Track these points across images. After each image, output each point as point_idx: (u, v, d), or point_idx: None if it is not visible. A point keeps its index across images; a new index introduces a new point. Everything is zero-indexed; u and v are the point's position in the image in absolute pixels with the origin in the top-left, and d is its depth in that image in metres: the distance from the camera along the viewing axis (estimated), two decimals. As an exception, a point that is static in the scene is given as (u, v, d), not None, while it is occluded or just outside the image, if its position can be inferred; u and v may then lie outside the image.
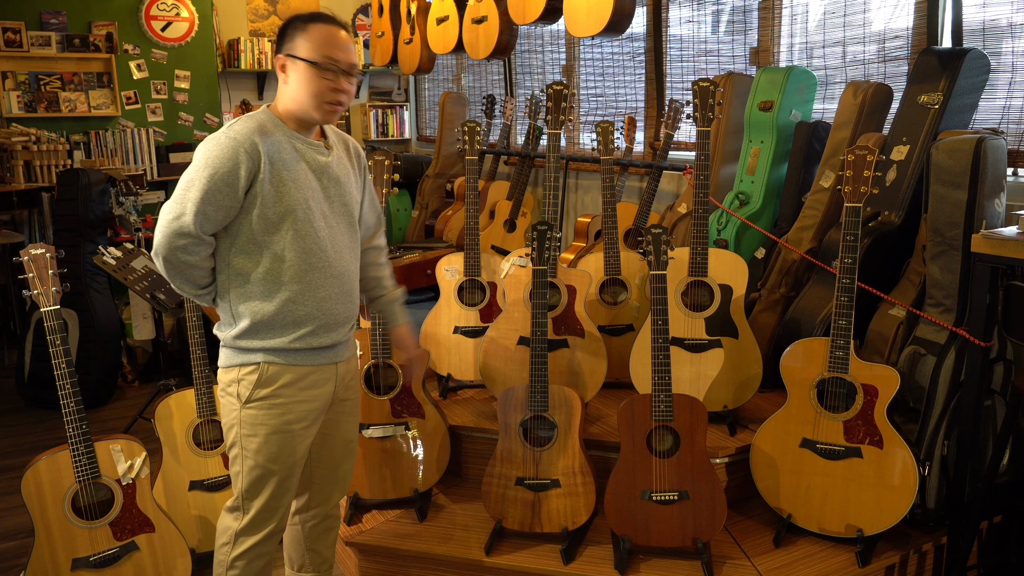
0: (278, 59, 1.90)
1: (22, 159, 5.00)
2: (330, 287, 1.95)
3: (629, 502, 2.35)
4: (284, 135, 1.89)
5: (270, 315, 1.89)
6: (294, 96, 1.88)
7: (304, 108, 1.88)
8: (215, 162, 1.79)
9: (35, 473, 2.22)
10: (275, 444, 1.94)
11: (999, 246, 2.12)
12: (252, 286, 1.89)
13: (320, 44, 1.85)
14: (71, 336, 4.11)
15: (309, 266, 1.91)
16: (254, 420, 1.93)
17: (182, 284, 1.90)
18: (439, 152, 5.28)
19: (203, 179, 1.79)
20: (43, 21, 5.31)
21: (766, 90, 3.21)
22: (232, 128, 1.84)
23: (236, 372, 1.94)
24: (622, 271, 3.10)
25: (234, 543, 2.00)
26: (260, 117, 1.89)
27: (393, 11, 5.06)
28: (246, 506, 1.98)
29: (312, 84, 1.85)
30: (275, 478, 1.97)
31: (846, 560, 2.35)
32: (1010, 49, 2.72)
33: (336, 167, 1.98)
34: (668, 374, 2.31)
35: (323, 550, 2.24)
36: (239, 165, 1.80)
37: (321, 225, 1.92)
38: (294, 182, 1.87)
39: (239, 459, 1.96)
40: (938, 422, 2.38)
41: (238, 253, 1.88)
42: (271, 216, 1.85)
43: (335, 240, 1.97)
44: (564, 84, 3.04)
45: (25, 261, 2.23)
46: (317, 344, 1.95)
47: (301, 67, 1.85)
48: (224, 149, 1.80)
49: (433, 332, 3.11)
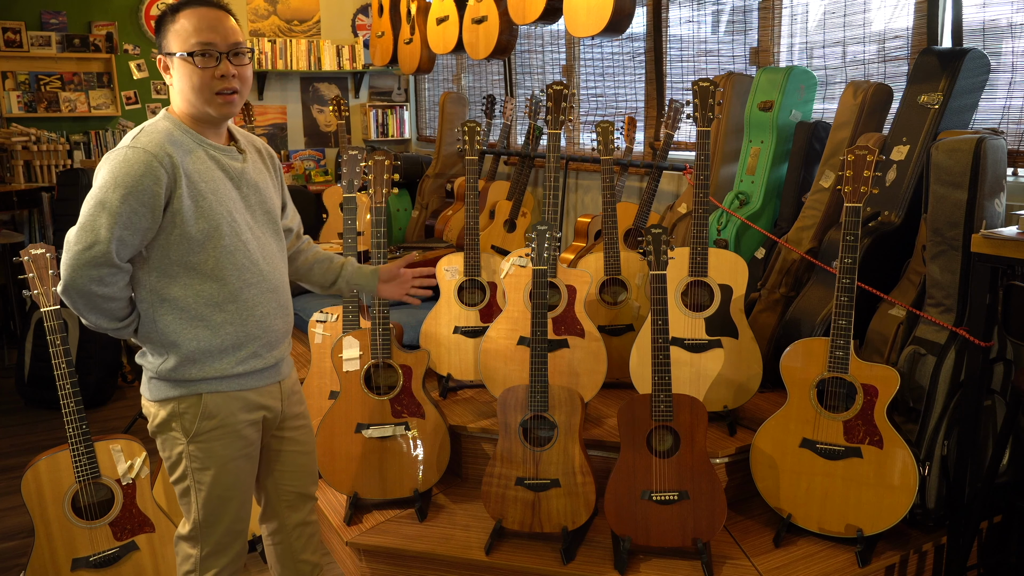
0: (159, 61, 1.74)
1: (22, 159, 5.01)
2: (268, 303, 1.81)
3: (629, 502, 2.35)
4: (194, 141, 1.72)
5: (207, 341, 1.74)
6: (182, 95, 1.70)
7: (196, 106, 1.70)
8: (126, 180, 1.60)
9: (35, 473, 2.22)
10: (230, 472, 1.83)
11: (999, 246, 2.11)
12: (182, 312, 1.72)
13: (191, 32, 1.66)
14: (71, 336, 4.11)
15: (244, 283, 1.76)
16: (205, 453, 1.79)
17: (98, 319, 1.70)
18: (439, 152, 5.28)
19: (115, 201, 1.59)
20: (43, 21, 5.32)
21: (766, 90, 3.21)
22: (138, 139, 1.64)
23: (174, 406, 1.77)
24: (622, 271, 3.10)
25: (201, 569, 1.88)
26: (164, 124, 1.71)
27: (393, 11, 5.06)
28: (206, 535, 1.86)
29: (193, 78, 1.67)
30: (233, 504, 1.86)
31: (846, 560, 2.35)
32: (1010, 49, 2.72)
33: (253, 172, 1.82)
34: (668, 374, 2.31)
35: (310, 556, 2.13)
36: (156, 181, 1.61)
37: (249, 238, 1.77)
38: (214, 194, 1.71)
39: (192, 491, 1.82)
40: (938, 422, 2.38)
41: (161, 277, 1.71)
42: (194, 234, 1.68)
43: (265, 251, 1.82)
44: (564, 84, 3.04)
45: (25, 261, 2.23)
46: (261, 365, 1.83)
47: (177, 62, 1.68)
48: (136, 165, 1.60)
49: (433, 332, 3.11)
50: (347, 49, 6.38)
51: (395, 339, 2.68)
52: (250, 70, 1.79)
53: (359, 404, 2.65)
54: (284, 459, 2.00)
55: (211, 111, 1.71)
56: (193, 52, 1.66)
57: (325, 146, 6.54)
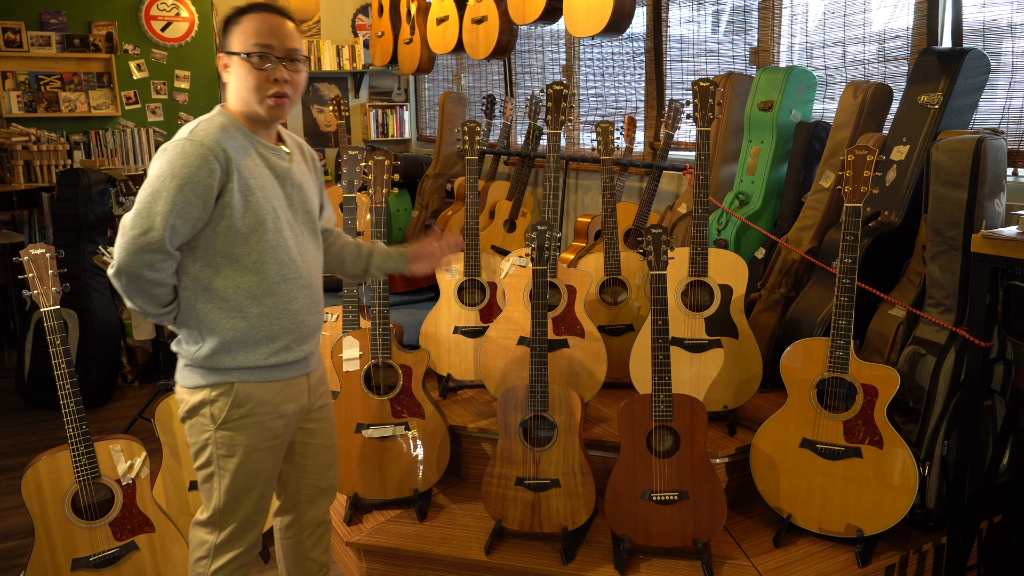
0: (219, 59, 1.80)
1: (22, 159, 5.01)
2: (302, 298, 1.87)
3: (629, 502, 2.35)
4: (247, 139, 1.79)
5: (243, 332, 1.80)
6: (237, 94, 1.78)
7: (248, 105, 1.77)
8: (183, 171, 1.67)
9: (35, 473, 2.22)
10: (255, 462, 1.87)
11: (999, 246, 2.11)
12: (222, 302, 1.78)
13: (252, 33, 1.74)
14: (71, 336, 4.11)
15: (282, 278, 1.82)
16: (231, 441, 1.84)
17: (143, 304, 1.77)
18: (439, 152, 5.27)
19: (171, 190, 1.66)
20: (43, 21, 5.31)
21: (766, 90, 3.21)
22: (195, 132, 1.71)
23: (206, 393, 1.83)
24: (622, 271, 3.10)
25: (213, 557, 1.92)
26: (220, 119, 1.78)
27: (393, 11, 5.06)
28: (223, 521, 1.90)
29: (248, 78, 1.74)
30: (255, 493, 1.90)
31: (846, 560, 2.35)
32: (1010, 49, 2.72)
33: (297, 173, 1.89)
34: (668, 374, 2.31)
35: (319, 556, 2.17)
36: (211, 174, 1.68)
37: (289, 235, 1.84)
38: (262, 190, 1.77)
39: (215, 478, 1.87)
40: (938, 422, 2.38)
41: (205, 267, 1.77)
42: (239, 228, 1.75)
43: (302, 249, 1.89)
44: (564, 84, 3.04)
45: (25, 261, 2.23)
46: (291, 358, 1.88)
47: (236, 62, 1.75)
48: (192, 157, 1.67)
49: (433, 332, 3.11)
50: (347, 49, 6.38)
51: (395, 339, 2.68)
52: (304, 77, 1.84)
53: (359, 404, 2.65)
54: (308, 452, 2.06)
55: (261, 112, 1.78)
56: (251, 53, 1.74)
57: (325, 146, 6.54)
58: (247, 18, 1.76)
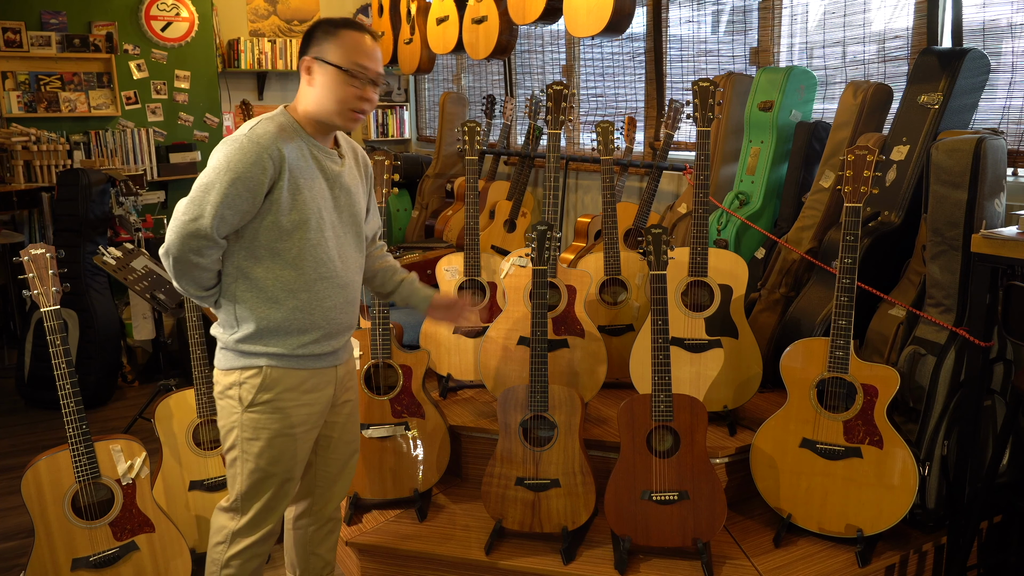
0: (304, 61, 1.87)
1: (22, 159, 5.00)
2: (336, 297, 1.95)
3: (629, 502, 2.35)
4: (303, 141, 1.87)
5: (276, 322, 1.88)
6: (318, 100, 1.86)
7: (327, 113, 1.87)
8: (238, 167, 1.75)
9: (35, 473, 2.22)
10: (277, 448, 1.94)
11: (999, 246, 2.11)
12: (259, 292, 1.87)
13: (350, 51, 1.84)
14: (71, 336, 4.11)
15: (318, 276, 1.90)
16: (256, 424, 1.92)
17: (187, 285, 1.87)
18: (439, 152, 5.28)
19: (224, 183, 1.75)
20: (43, 21, 5.31)
21: (766, 90, 3.21)
22: (254, 131, 1.80)
23: (237, 375, 1.92)
24: (622, 271, 3.10)
25: (230, 542, 1.99)
26: (280, 120, 1.86)
27: (393, 11, 5.06)
28: (244, 507, 1.98)
29: (339, 90, 1.84)
30: (276, 480, 1.96)
31: (846, 560, 2.35)
32: (1010, 49, 2.72)
33: (347, 177, 1.97)
34: (668, 374, 2.31)
35: (324, 554, 2.23)
36: (263, 171, 1.77)
37: (331, 235, 1.91)
38: (310, 191, 1.86)
39: (238, 462, 1.95)
40: (938, 422, 2.38)
41: (247, 257, 1.86)
42: (284, 224, 1.83)
43: (343, 250, 1.96)
44: (564, 84, 3.03)
45: (25, 261, 2.23)
46: (320, 351, 1.95)
47: (330, 72, 1.84)
48: (248, 154, 1.76)
49: (433, 332, 3.11)
50: (347, 49, 6.37)
51: (395, 339, 2.68)
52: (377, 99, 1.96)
53: (359, 404, 2.65)
54: (329, 444, 2.12)
55: (339, 122, 1.89)
56: (349, 70, 1.84)
57: (325, 146, 6.53)
58: (348, 34, 1.86)
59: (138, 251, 3.63)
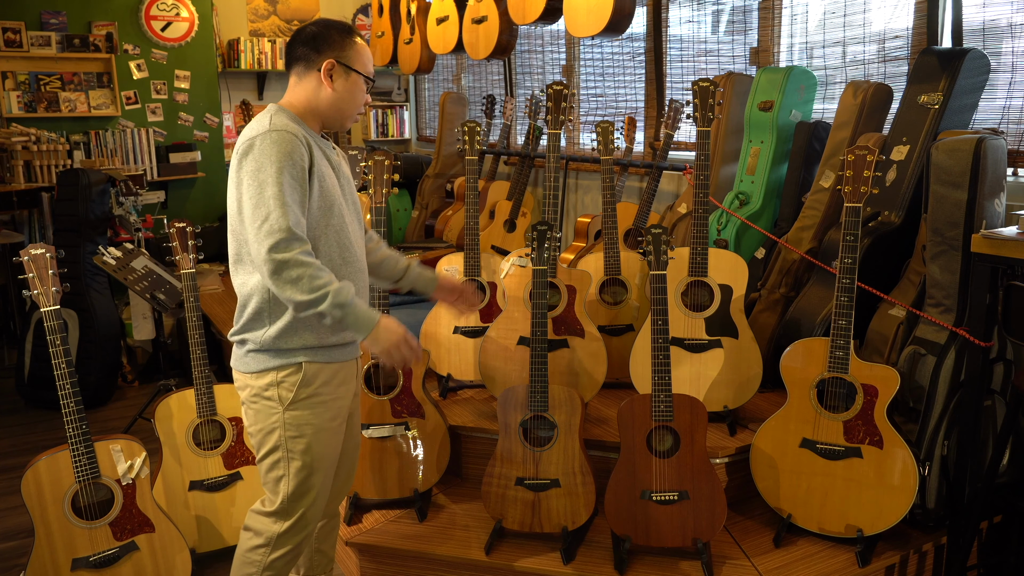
0: (325, 62, 1.90)
1: (22, 159, 5.00)
2: (358, 282, 1.99)
3: (629, 502, 2.35)
4: (308, 133, 1.90)
5: None
6: (335, 102, 1.93)
7: (340, 114, 1.94)
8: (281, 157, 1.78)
9: (35, 473, 2.22)
10: (322, 442, 1.95)
11: (999, 246, 2.12)
12: None
13: (367, 60, 1.96)
14: (71, 336, 4.11)
15: (343, 260, 1.94)
16: (300, 421, 1.91)
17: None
18: (439, 152, 5.28)
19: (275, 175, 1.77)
20: (43, 21, 5.31)
21: (766, 90, 3.21)
22: (274, 123, 1.82)
23: (273, 375, 1.90)
24: (622, 271, 3.10)
25: (274, 546, 1.98)
26: (284, 114, 1.89)
27: (393, 11, 5.06)
28: (292, 508, 1.96)
29: (360, 96, 1.95)
30: (320, 476, 1.97)
31: (846, 560, 2.35)
32: (1010, 49, 2.72)
33: (344, 167, 2.04)
34: (668, 374, 2.31)
35: (327, 550, 2.26)
36: (302, 156, 1.81)
37: (347, 221, 1.96)
38: (329, 178, 1.91)
39: (283, 463, 1.93)
40: (938, 422, 2.38)
41: None
42: (314, 210, 1.86)
43: (356, 236, 2.01)
44: (564, 84, 3.03)
45: (25, 261, 2.23)
46: (349, 339, 1.98)
47: (354, 78, 1.93)
48: (283, 143, 1.78)
49: (433, 332, 3.11)
50: (347, 49, 6.37)
51: (395, 339, 2.67)
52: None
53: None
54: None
55: (346, 123, 2.00)
56: (368, 77, 1.97)
57: (325, 146, 6.54)
58: (361, 43, 1.96)
59: (138, 251, 3.63)
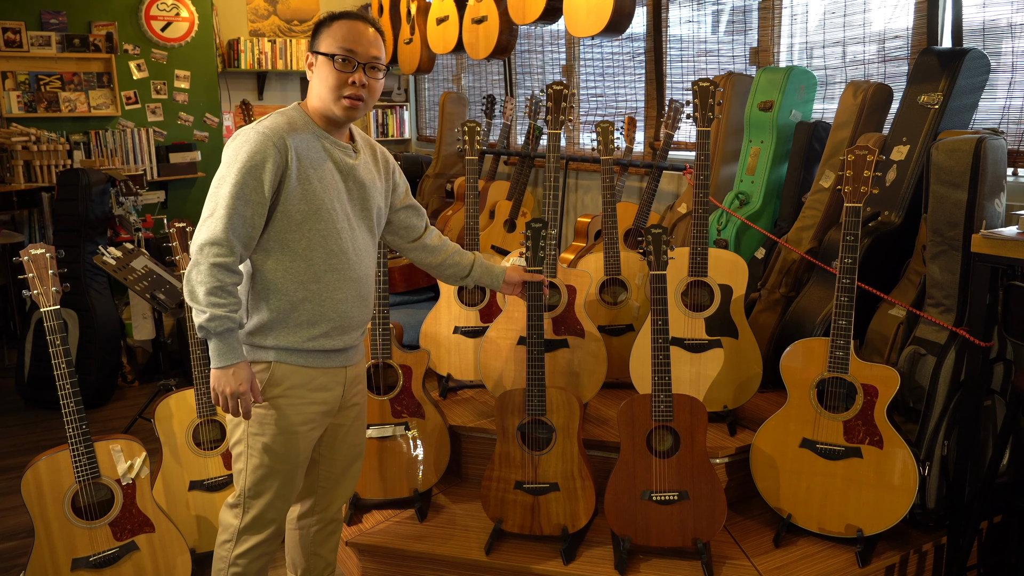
0: (307, 57, 1.91)
1: (22, 159, 5.00)
2: (347, 290, 1.94)
3: (629, 502, 2.35)
4: (314, 133, 1.89)
5: (285, 313, 1.88)
6: (316, 91, 1.89)
7: (325, 103, 1.88)
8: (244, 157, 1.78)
9: (35, 473, 2.22)
10: (281, 444, 1.94)
11: (999, 246, 2.11)
12: (270, 284, 1.88)
13: (340, 38, 1.85)
14: (71, 336, 4.11)
15: (328, 267, 1.90)
16: (262, 419, 1.92)
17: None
18: (439, 152, 5.28)
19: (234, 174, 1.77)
20: (43, 21, 5.31)
21: (766, 90, 3.20)
22: (262, 124, 1.83)
23: None
24: (622, 271, 3.10)
25: (237, 540, 1.99)
26: (291, 114, 1.89)
27: (393, 11, 5.06)
28: (248, 504, 1.98)
29: (330, 77, 1.85)
30: (279, 478, 1.96)
31: (846, 560, 2.35)
32: (1010, 49, 2.72)
33: (362, 171, 1.98)
34: (668, 374, 2.31)
35: (326, 554, 2.24)
36: (268, 159, 1.78)
37: (344, 227, 1.92)
38: (320, 182, 1.87)
39: (243, 456, 1.95)
40: (938, 422, 2.38)
41: (258, 250, 1.87)
42: (293, 214, 1.84)
43: (356, 243, 1.96)
44: (564, 84, 3.03)
45: (25, 261, 2.23)
46: (330, 346, 1.95)
47: (321, 61, 1.87)
48: (254, 144, 1.79)
49: (433, 332, 3.11)
50: (347, 49, 6.37)
51: (395, 339, 2.68)
52: (381, 84, 1.95)
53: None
54: (333, 446, 2.12)
55: (336, 111, 1.88)
56: (335, 55, 1.85)
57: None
58: (338, 23, 1.88)
59: (138, 251, 3.63)
